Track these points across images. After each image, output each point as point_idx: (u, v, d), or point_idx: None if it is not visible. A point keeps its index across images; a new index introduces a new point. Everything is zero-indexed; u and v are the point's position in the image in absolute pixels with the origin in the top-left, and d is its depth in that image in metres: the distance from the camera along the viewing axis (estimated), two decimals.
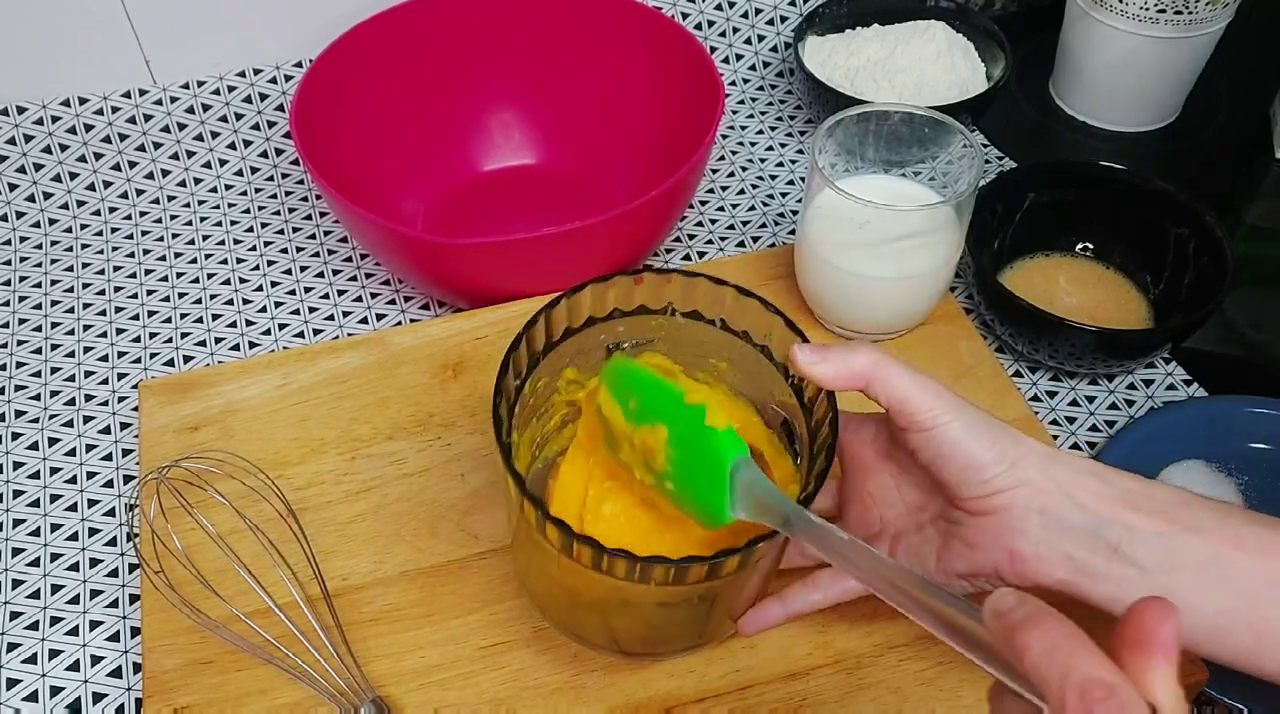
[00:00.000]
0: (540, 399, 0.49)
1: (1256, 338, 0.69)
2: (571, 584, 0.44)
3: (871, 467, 0.46)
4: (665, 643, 0.48)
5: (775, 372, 0.47)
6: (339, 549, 0.54)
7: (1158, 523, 0.39)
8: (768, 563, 0.44)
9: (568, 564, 0.41)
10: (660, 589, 0.41)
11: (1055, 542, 0.40)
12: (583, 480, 0.48)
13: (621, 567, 0.39)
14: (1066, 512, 0.40)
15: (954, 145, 0.60)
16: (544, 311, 0.45)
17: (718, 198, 0.79)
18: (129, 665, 0.54)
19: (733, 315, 0.47)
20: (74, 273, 0.75)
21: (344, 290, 0.73)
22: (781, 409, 0.48)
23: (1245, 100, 0.85)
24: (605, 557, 0.38)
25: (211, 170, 0.80)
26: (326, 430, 0.59)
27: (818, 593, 0.46)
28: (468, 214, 0.77)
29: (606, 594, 0.43)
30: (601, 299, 0.47)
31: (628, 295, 0.47)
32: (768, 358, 0.47)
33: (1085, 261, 0.69)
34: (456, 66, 0.77)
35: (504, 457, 0.41)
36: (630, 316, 0.48)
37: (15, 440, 0.64)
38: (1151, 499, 0.40)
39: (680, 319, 0.48)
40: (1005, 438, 0.41)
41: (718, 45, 0.86)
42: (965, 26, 0.81)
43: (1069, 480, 0.40)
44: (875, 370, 0.41)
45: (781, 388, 0.47)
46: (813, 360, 0.41)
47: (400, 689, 0.49)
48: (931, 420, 0.41)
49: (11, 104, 0.76)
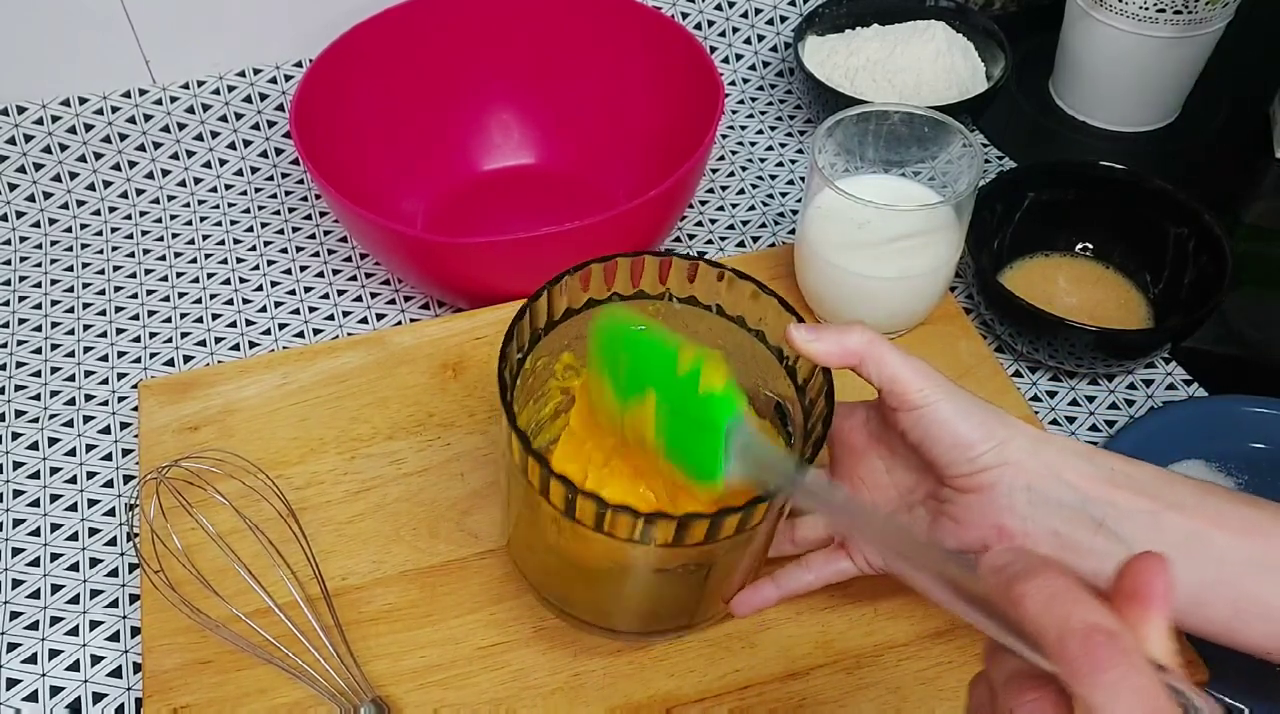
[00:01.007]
0: (538, 381, 0.49)
1: (1256, 338, 0.69)
2: (570, 551, 0.44)
3: (862, 451, 0.47)
4: (659, 619, 0.48)
5: (769, 355, 0.47)
6: (339, 549, 0.54)
7: (1142, 501, 0.41)
8: (764, 530, 0.44)
9: (568, 528, 0.41)
10: (659, 551, 0.41)
11: (1041, 518, 0.41)
12: (580, 466, 0.49)
13: (624, 523, 0.39)
14: (1053, 489, 0.41)
15: (954, 145, 0.60)
16: (547, 287, 0.46)
17: (718, 198, 0.79)
18: (129, 665, 0.55)
19: (728, 301, 0.48)
20: (74, 273, 0.75)
21: (344, 290, 0.73)
22: (774, 395, 0.49)
23: (1245, 100, 0.85)
24: (609, 512, 0.39)
25: (211, 170, 0.80)
26: (326, 430, 0.59)
27: (810, 573, 0.48)
28: (468, 214, 0.77)
29: (604, 560, 0.43)
30: (603, 280, 0.47)
31: (628, 276, 0.48)
32: (762, 342, 0.48)
33: (1085, 261, 0.69)
34: (456, 66, 0.77)
35: (509, 418, 0.41)
36: (629, 300, 0.48)
37: (15, 440, 0.64)
38: (1135, 478, 0.41)
39: (677, 305, 0.49)
40: (993, 418, 0.42)
41: (717, 45, 0.86)
42: (965, 26, 0.81)
43: (1056, 460, 0.41)
44: (869, 349, 0.42)
45: (775, 371, 0.48)
46: (809, 337, 0.43)
47: (400, 689, 0.49)
48: (922, 399, 0.42)
49: (11, 104, 0.76)
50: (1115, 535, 0.40)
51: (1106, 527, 0.40)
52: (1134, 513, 0.40)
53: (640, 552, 0.41)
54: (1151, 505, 0.40)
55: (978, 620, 0.31)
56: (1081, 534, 0.41)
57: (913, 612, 0.52)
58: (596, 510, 0.39)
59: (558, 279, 0.46)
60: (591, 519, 0.40)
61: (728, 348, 0.49)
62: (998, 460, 0.41)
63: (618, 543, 0.40)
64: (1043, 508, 0.41)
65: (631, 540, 0.40)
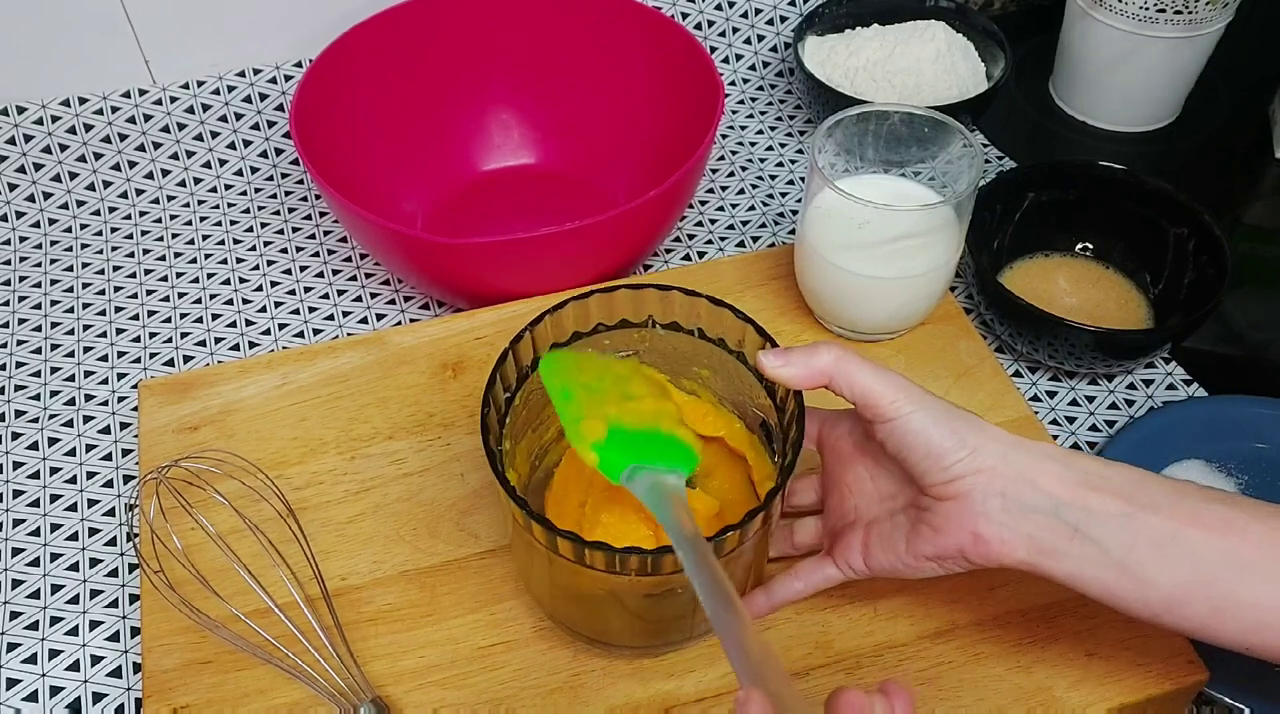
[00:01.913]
0: (533, 412, 0.51)
1: (1256, 338, 0.69)
2: (565, 581, 0.46)
3: (848, 459, 0.48)
4: (659, 635, 0.49)
5: (750, 375, 0.49)
6: (338, 549, 0.54)
7: (1117, 503, 0.41)
8: (744, 552, 0.44)
9: (558, 561, 0.43)
10: (642, 580, 0.42)
11: (1016, 524, 0.41)
12: (580, 490, 0.50)
13: (600, 559, 0.41)
14: (1026, 495, 0.41)
15: (954, 145, 0.60)
16: (529, 328, 0.47)
17: (718, 198, 0.79)
18: (129, 665, 0.54)
19: (708, 325, 0.49)
20: (74, 273, 0.75)
21: (344, 290, 0.73)
22: (760, 411, 0.50)
23: (1245, 100, 0.85)
24: (585, 550, 0.41)
25: (211, 170, 0.80)
26: (326, 430, 0.59)
27: (799, 581, 0.49)
28: (468, 214, 0.77)
29: (596, 588, 0.44)
30: (584, 314, 0.49)
31: (608, 309, 0.49)
32: (743, 363, 0.49)
33: (1085, 261, 0.69)
34: (456, 66, 0.77)
35: (491, 462, 0.43)
36: (614, 330, 0.50)
37: (15, 440, 0.64)
38: (1110, 480, 0.42)
39: (660, 331, 0.50)
40: (966, 426, 0.42)
41: (717, 45, 0.86)
42: (965, 26, 0.81)
43: (1029, 465, 0.42)
44: (837, 366, 0.43)
45: (757, 390, 0.49)
46: (776, 364, 0.44)
47: (400, 689, 0.49)
48: (894, 411, 0.43)
49: (11, 104, 0.76)
50: (1090, 540, 0.41)
51: (1081, 532, 0.41)
52: (1109, 515, 0.41)
53: (626, 580, 0.43)
54: (1126, 507, 0.41)
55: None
56: (1057, 540, 0.41)
57: (913, 612, 0.52)
58: (574, 550, 0.41)
59: (538, 320, 0.47)
60: (572, 555, 0.42)
61: (714, 366, 0.51)
62: (971, 468, 0.42)
63: (603, 574, 0.42)
64: (1016, 514, 0.41)
65: (612, 572, 0.42)
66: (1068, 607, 0.51)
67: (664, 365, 0.52)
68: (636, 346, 0.51)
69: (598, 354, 0.50)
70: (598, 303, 0.49)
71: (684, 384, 0.53)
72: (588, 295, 0.48)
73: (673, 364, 0.52)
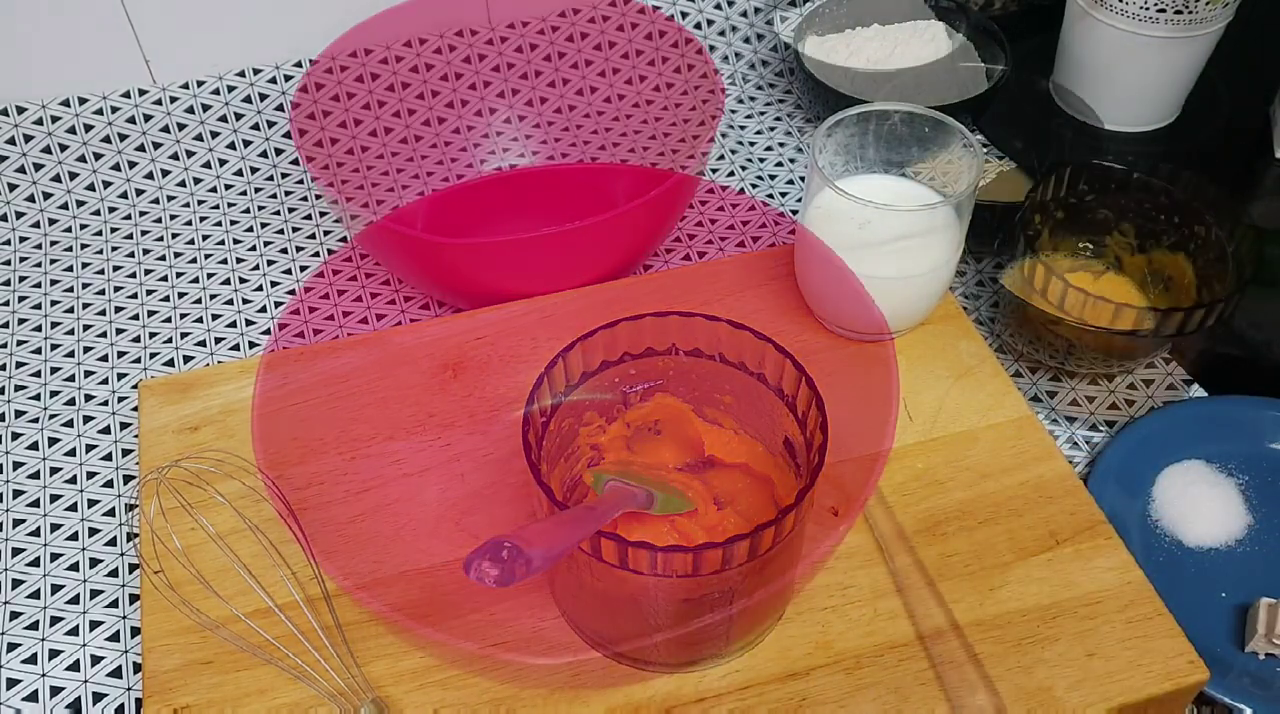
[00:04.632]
0: (565, 440, 0.52)
1: (1256, 338, 0.69)
2: (605, 590, 0.46)
3: None
4: (698, 647, 0.49)
5: (772, 395, 0.50)
6: (339, 549, 0.54)
7: None
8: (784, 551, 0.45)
9: (600, 569, 0.43)
10: (682, 582, 0.43)
11: None
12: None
13: (644, 559, 0.42)
14: None
15: (954, 145, 0.60)
16: (561, 355, 0.48)
17: (718, 198, 0.79)
18: (129, 665, 0.54)
19: (728, 348, 0.50)
20: (74, 273, 0.75)
21: (344, 290, 0.73)
22: (783, 432, 0.51)
23: (1245, 100, 0.85)
24: (629, 550, 0.42)
25: (211, 170, 0.80)
26: (326, 430, 0.59)
27: None
28: (468, 214, 0.77)
29: (637, 594, 0.45)
30: (612, 343, 0.50)
31: (635, 336, 0.50)
32: (763, 384, 0.50)
33: (1085, 261, 0.69)
34: (457, 66, 0.77)
35: (534, 474, 0.44)
36: (640, 359, 0.51)
37: (15, 440, 0.64)
38: None
39: (684, 358, 0.51)
40: None
41: (717, 44, 0.86)
42: (965, 26, 0.81)
43: None
44: None
45: (780, 410, 0.50)
46: None
47: (400, 689, 0.49)
48: None
49: (11, 104, 0.76)
50: None
51: None
52: None
53: (666, 584, 0.44)
54: None
55: None
56: None
57: (913, 611, 0.52)
58: (618, 551, 0.42)
59: (570, 347, 0.49)
60: (615, 558, 0.43)
61: (737, 391, 0.52)
62: None
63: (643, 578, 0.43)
64: None
65: (654, 574, 0.43)
66: (1068, 607, 0.51)
67: (688, 393, 0.53)
68: (662, 375, 0.52)
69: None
70: (626, 330, 0.50)
71: (707, 412, 0.53)
72: (615, 324, 0.49)
73: (698, 391, 0.53)
